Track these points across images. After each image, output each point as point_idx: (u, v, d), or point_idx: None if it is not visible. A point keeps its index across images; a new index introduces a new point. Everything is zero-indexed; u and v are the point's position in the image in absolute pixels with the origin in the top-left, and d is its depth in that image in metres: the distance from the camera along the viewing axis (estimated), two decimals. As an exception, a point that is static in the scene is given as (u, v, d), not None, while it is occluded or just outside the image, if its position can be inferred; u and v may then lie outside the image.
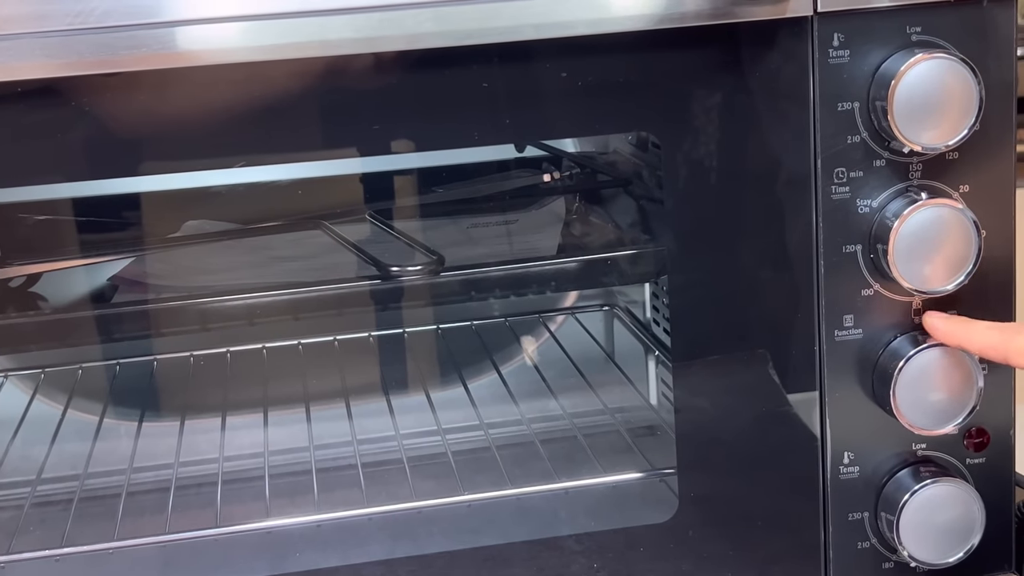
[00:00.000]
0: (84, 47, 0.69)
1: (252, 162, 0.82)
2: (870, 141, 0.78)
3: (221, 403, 1.06)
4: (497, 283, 1.02)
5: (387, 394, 1.07)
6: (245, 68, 0.73)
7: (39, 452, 1.00)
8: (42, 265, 1.04)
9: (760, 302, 0.81)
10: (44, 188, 1.02)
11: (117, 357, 1.09)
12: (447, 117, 0.77)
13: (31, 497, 0.95)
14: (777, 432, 0.82)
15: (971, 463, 0.83)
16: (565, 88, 0.77)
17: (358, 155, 0.97)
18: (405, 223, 1.09)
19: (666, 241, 0.81)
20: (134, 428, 1.04)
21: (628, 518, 0.87)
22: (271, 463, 0.98)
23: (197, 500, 0.96)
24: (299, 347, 1.11)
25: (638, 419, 1.05)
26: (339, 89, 0.76)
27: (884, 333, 0.81)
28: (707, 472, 0.83)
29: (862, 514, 0.83)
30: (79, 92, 0.73)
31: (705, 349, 0.82)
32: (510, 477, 0.92)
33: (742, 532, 0.84)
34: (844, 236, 0.79)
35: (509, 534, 0.86)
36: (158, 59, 0.71)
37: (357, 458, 0.97)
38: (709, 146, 0.79)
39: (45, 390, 1.07)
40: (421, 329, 1.14)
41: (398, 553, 0.85)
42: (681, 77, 0.78)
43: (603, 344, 1.16)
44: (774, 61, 0.77)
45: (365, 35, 0.72)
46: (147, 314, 1.00)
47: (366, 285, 1.00)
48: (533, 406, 1.06)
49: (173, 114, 0.75)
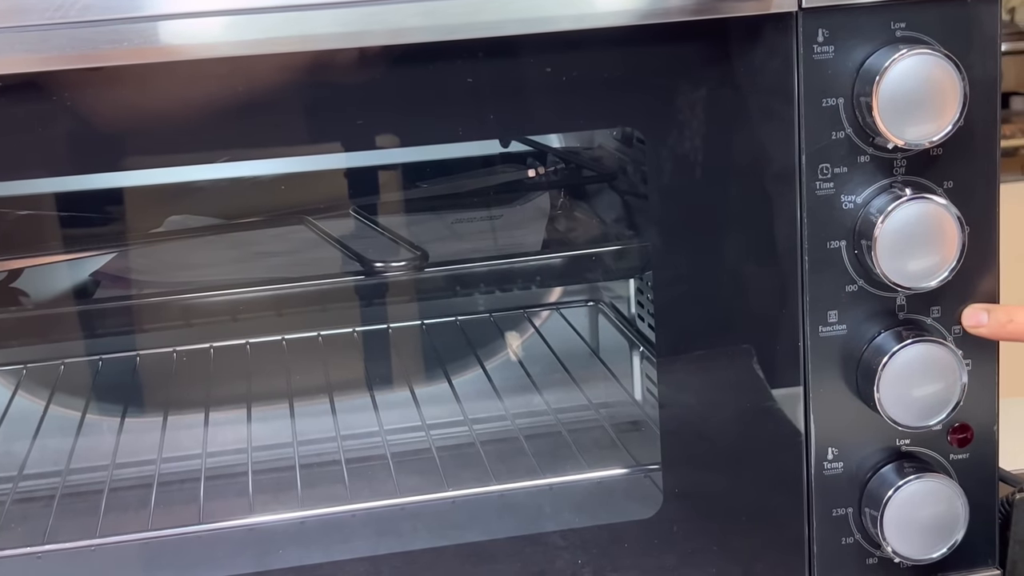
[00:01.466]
0: (64, 41, 0.69)
1: (235, 157, 0.82)
2: (854, 137, 0.78)
3: (204, 399, 1.05)
4: (482, 278, 1.02)
5: (371, 390, 1.07)
6: (228, 63, 0.73)
7: (21, 448, 1.00)
8: (24, 260, 1.03)
9: (745, 298, 0.81)
10: (26, 183, 1.01)
11: (100, 353, 1.08)
12: (432, 112, 0.77)
13: (12, 493, 0.95)
14: (761, 428, 0.82)
15: (955, 459, 0.84)
16: (550, 83, 0.77)
17: (342, 150, 0.97)
18: (389, 218, 1.08)
19: (651, 236, 0.80)
20: (117, 424, 1.04)
21: (613, 514, 0.87)
22: (254, 459, 0.98)
23: (180, 496, 0.96)
24: (283, 343, 1.10)
25: (623, 415, 1.05)
26: (323, 84, 0.75)
27: (868, 329, 0.81)
28: (691, 468, 0.83)
29: (846, 510, 0.83)
30: (60, 87, 0.72)
31: (690, 344, 0.82)
32: (494, 473, 0.92)
33: (726, 527, 0.84)
34: (828, 232, 0.79)
35: (493, 530, 0.86)
36: (140, 54, 0.71)
37: (341, 454, 0.96)
38: (694, 141, 0.79)
39: (27, 385, 1.07)
40: (405, 325, 1.13)
41: (382, 549, 0.84)
42: (666, 72, 0.78)
43: (588, 339, 1.15)
44: (759, 57, 0.77)
45: (350, 30, 0.72)
46: (130, 309, 1.00)
47: (350, 280, 1.00)
48: (518, 402, 1.06)
49: (155, 109, 0.75)
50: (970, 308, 0.80)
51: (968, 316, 0.80)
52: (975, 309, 0.80)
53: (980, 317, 0.79)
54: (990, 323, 0.79)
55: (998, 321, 0.79)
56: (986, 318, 0.79)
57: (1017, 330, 0.78)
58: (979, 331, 0.80)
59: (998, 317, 0.79)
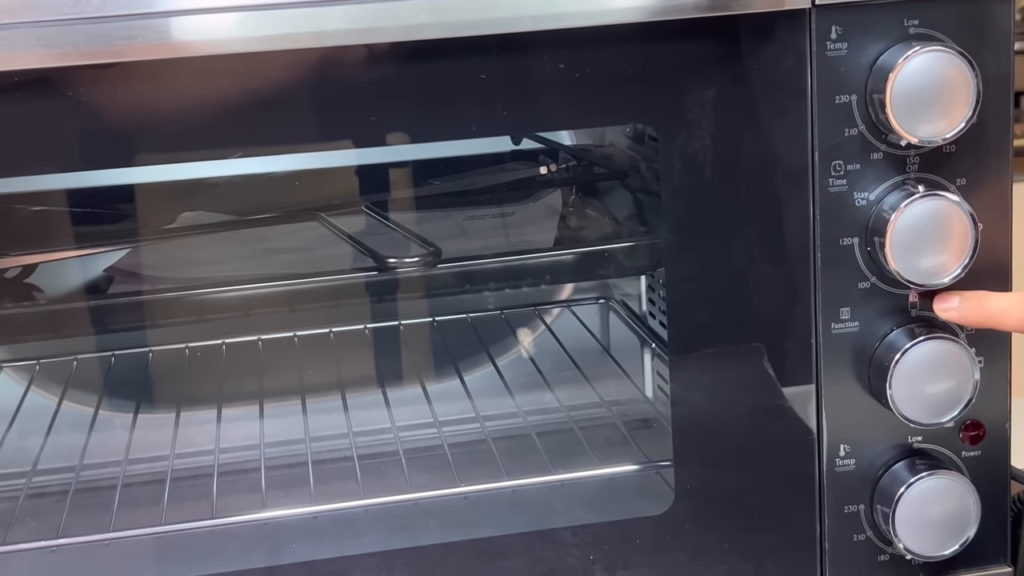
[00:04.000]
0: (79, 37, 0.69)
1: (248, 153, 0.82)
2: (867, 134, 0.78)
3: (217, 395, 1.06)
4: (493, 275, 1.02)
5: (383, 386, 1.07)
6: (241, 59, 0.73)
7: (34, 443, 1.00)
8: (37, 256, 1.03)
9: (757, 295, 0.81)
10: (40, 179, 1.01)
11: (112, 348, 1.09)
12: (444, 109, 0.77)
13: (26, 488, 0.95)
14: (773, 425, 0.82)
15: (967, 456, 0.83)
16: (562, 80, 0.77)
17: (354, 147, 0.97)
18: (401, 215, 1.08)
19: (662, 234, 0.80)
20: (129, 420, 1.04)
21: (623, 510, 0.87)
22: (267, 455, 0.98)
23: (193, 492, 0.96)
24: (295, 339, 1.11)
25: (634, 412, 1.05)
26: (336, 80, 0.75)
27: (880, 326, 0.81)
28: (703, 465, 0.83)
29: (858, 507, 0.83)
30: (74, 83, 0.73)
31: (701, 342, 0.82)
32: (506, 469, 0.92)
33: (738, 525, 0.84)
34: (841, 229, 0.79)
35: (505, 526, 0.86)
36: (154, 50, 0.71)
37: (353, 450, 0.97)
38: (706, 139, 0.79)
39: (40, 381, 1.07)
40: (417, 321, 1.14)
41: (394, 545, 0.85)
42: (678, 69, 0.77)
43: (599, 337, 1.15)
44: (772, 54, 0.77)
45: (361, 26, 0.72)
46: (142, 305, 1.00)
47: (362, 277, 1.00)
48: (529, 399, 1.06)
49: (169, 105, 0.75)
50: (943, 291, 0.80)
51: (940, 299, 0.80)
52: (948, 293, 0.79)
53: (952, 300, 0.79)
54: (960, 306, 0.79)
55: (968, 305, 0.79)
56: (957, 302, 0.79)
57: (986, 314, 0.78)
58: (948, 315, 0.79)
59: (968, 302, 0.79)
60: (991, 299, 0.78)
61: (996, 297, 0.79)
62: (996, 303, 0.78)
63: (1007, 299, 0.78)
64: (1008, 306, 0.78)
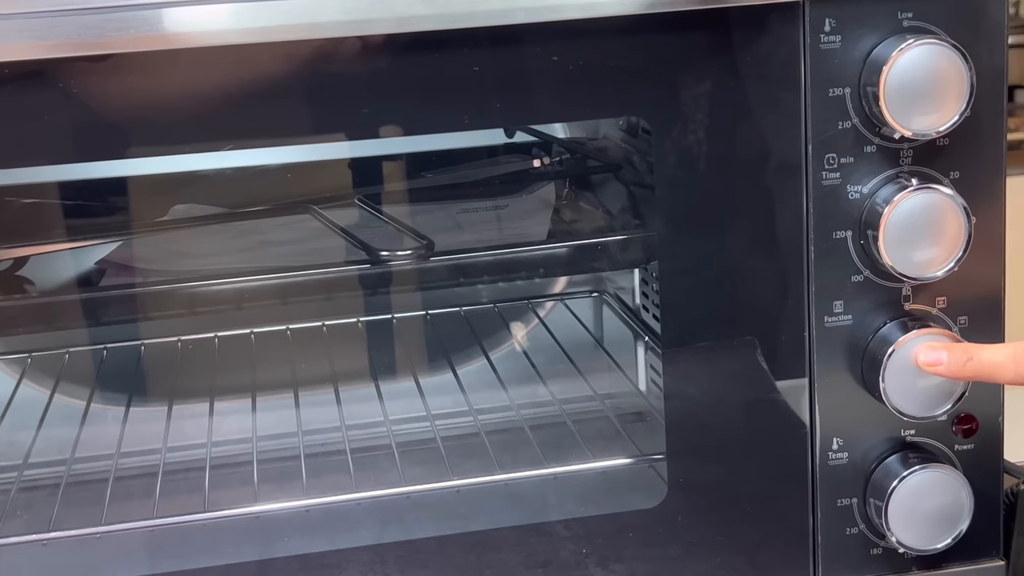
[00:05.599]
0: (71, 29, 0.69)
1: (240, 146, 0.82)
2: (861, 127, 0.78)
3: (209, 388, 1.05)
4: (486, 268, 1.02)
5: (376, 379, 1.07)
6: (234, 51, 0.73)
7: (26, 436, 1.00)
8: (29, 248, 1.03)
9: (750, 288, 0.81)
10: (31, 171, 1.01)
11: (104, 342, 1.08)
12: (437, 101, 0.77)
13: (18, 482, 0.95)
14: (766, 418, 0.82)
15: (959, 449, 0.84)
16: (556, 72, 0.77)
17: (347, 139, 0.97)
18: (394, 208, 1.08)
19: (656, 227, 0.80)
20: (121, 413, 1.04)
21: (617, 504, 0.87)
22: (259, 448, 0.98)
23: (185, 485, 0.96)
24: (287, 332, 1.10)
25: (627, 405, 1.05)
26: (328, 72, 0.75)
27: (874, 319, 0.81)
28: (696, 458, 0.83)
29: (851, 500, 0.83)
30: (66, 74, 0.72)
31: (695, 335, 0.82)
32: (499, 463, 0.92)
33: (731, 518, 0.84)
34: (834, 222, 0.79)
35: (498, 519, 0.86)
36: (146, 41, 0.71)
37: (346, 443, 0.96)
38: (699, 132, 0.78)
39: (32, 374, 1.07)
40: (410, 315, 1.13)
41: (386, 538, 0.84)
42: (672, 62, 0.77)
43: (592, 330, 1.15)
44: (765, 46, 0.77)
45: (355, 18, 0.72)
46: (135, 298, 1.00)
47: (355, 270, 1.00)
48: (522, 392, 1.06)
49: (161, 97, 0.75)
50: (926, 347, 0.77)
51: (925, 354, 0.77)
52: (932, 348, 0.77)
53: (939, 355, 0.76)
54: (948, 362, 0.76)
55: (957, 360, 0.76)
56: (945, 356, 0.76)
57: (977, 368, 0.75)
58: (937, 370, 0.76)
59: (956, 356, 0.76)
60: (982, 352, 0.75)
61: (988, 350, 0.75)
62: (988, 356, 0.75)
63: (999, 351, 0.75)
64: (1001, 359, 0.74)
